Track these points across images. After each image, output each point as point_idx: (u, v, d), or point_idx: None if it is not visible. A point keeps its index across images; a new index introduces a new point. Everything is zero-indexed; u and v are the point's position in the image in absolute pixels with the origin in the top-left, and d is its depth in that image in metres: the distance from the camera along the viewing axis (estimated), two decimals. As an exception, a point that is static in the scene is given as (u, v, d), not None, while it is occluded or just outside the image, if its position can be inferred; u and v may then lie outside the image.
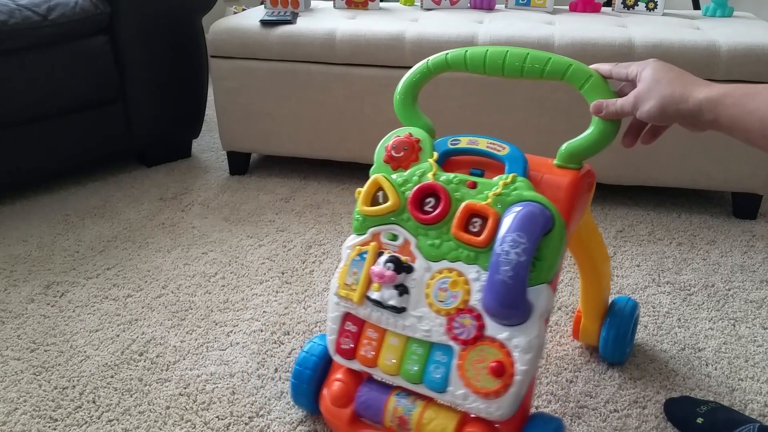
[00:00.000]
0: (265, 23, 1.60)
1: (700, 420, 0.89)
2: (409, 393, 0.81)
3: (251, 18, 1.66)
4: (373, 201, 0.82)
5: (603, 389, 1.00)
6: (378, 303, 0.79)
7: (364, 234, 0.82)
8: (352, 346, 0.82)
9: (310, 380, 0.88)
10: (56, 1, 1.53)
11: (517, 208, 0.73)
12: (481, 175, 0.80)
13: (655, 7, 1.73)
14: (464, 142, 0.83)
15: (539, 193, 0.76)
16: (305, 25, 1.60)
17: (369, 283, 0.80)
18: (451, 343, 0.76)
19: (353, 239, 0.83)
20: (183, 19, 1.74)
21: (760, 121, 0.61)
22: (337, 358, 0.84)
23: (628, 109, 0.74)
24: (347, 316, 0.82)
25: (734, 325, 1.15)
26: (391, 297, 0.78)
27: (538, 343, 0.73)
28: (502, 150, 0.81)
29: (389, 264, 0.78)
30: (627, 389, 1.00)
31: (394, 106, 0.89)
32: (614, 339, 1.02)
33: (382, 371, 0.80)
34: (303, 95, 1.63)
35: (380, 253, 0.80)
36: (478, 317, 0.74)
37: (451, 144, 0.83)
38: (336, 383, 0.85)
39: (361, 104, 1.61)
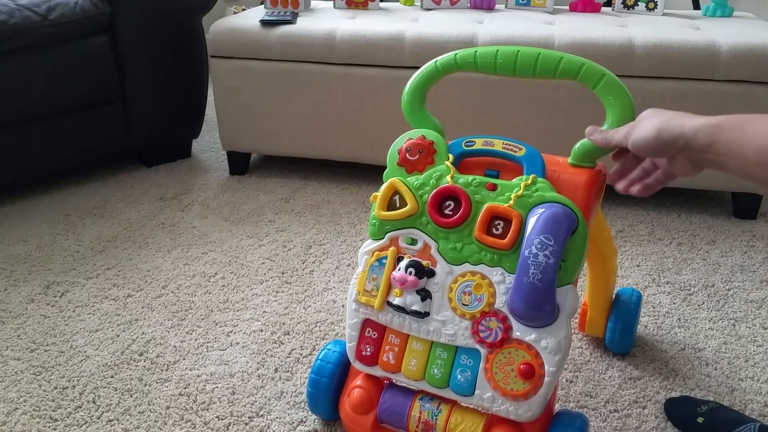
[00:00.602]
0: (265, 23, 1.60)
1: (700, 420, 0.89)
2: (432, 397, 0.81)
3: (251, 18, 1.66)
4: (390, 205, 0.81)
5: (603, 389, 1.00)
6: (400, 309, 0.78)
7: (381, 239, 0.81)
8: (372, 352, 0.81)
9: (327, 388, 0.87)
10: (56, 1, 1.53)
11: (540, 210, 0.73)
12: (497, 176, 0.80)
13: (655, 7, 1.73)
14: (479, 144, 0.83)
15: (558, 192, 0.76)
16: (305, 25, 1.60)
17: (389, 288, 0.79)
18: (477, 346, 0.75)
19: (370, 244, 0.82)
20: (183, 19, 1.74)
21: (757, 148, 0.59)
22: (358, 365, 0.83)
23: (618, 137, 0.72)
24: (367, 323, 0.82)
25: (734, 325, 1.15)
26: (413, 302, 0.78)
27: (566, 344, 0.73)
28: (519, 151, 0.81)
29: (411, 269, 0.78)
30: (627, 389, 1.00)
31: (403, 108, 0.87)
32: (621, 330, 1.04)
33: (406, 376, 0.80)
34: (303, 95, 1.62)
35: (399, 258, 0.79)
36: (504, 319, 0.74)
37: (466, 145, 0.83)
38: (356, 390, 0.84)
39: (361, 104, 1.61)
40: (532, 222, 0.73)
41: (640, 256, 1.37)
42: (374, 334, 0.81)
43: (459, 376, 0.77)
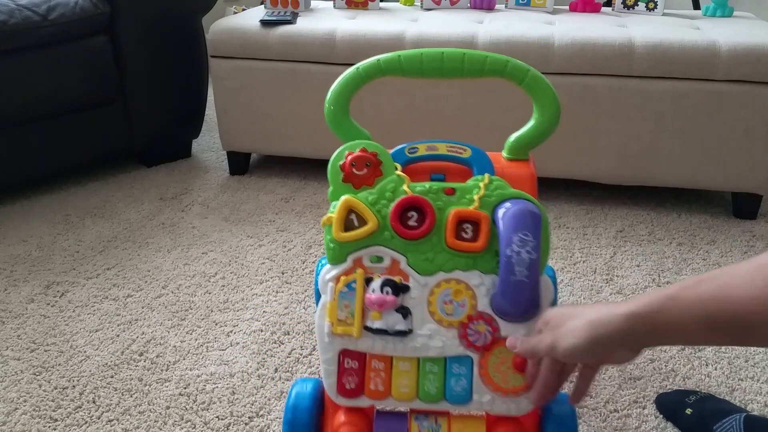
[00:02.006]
0: (265, 23, 1.60)
1: (689, 411, 0.90)
2: (426, 414, 0.78)
3: (251, 18, 1.66)
4: (346, 225, 0.76)
5: (603, 389, 1.00)
6: (382, 331, 0.74)
7: (344, 262, 0.75)
8: (357, 383, 0.75)
9: (308, 428, 0.80)
10: (56, 1, 1.53)
11: (507, 206, 0.73)
12: (443, 180, 0.80)
13: (655, 7, 1.73)
14: (422, 149, 0.81)
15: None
16: (305, 25, 1.60)
17: (365, 313, 0.74)
18: (468, 352, 0.73)
19: (332, 270, 0.76)
20: (183, 19, 1.74)
21: (702, 318, 0.52)
22: (342, 401, 0.76)
23: (542, 348, 0.64)
24: (344, 353, 0.75)
25: (734, 325, 1.15)
26: (396, 322, 0.74)
27: None
28: (464, 152, 0.81)
29: (386, 288, 0.74)
30: (627, 389, 1.00)
31: (327, 119, 0.85)
32: None
33: (397, 400, 0.75)
34: (303, 95, 1.62)
35: (368, 279, 0.75)
36: (491, 321, 0.73)
37: (409, 153, 0.81)
38: (344, 428, 0.78)
39: (360, 104, 1.60)
40: (502, 220, 0.72)
41: (640, 256, 1.37)
42: (355, 364, 0.76)
43: (455, 386, 0.74)
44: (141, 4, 1.63)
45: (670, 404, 0.94)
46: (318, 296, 1.13)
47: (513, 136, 0.84)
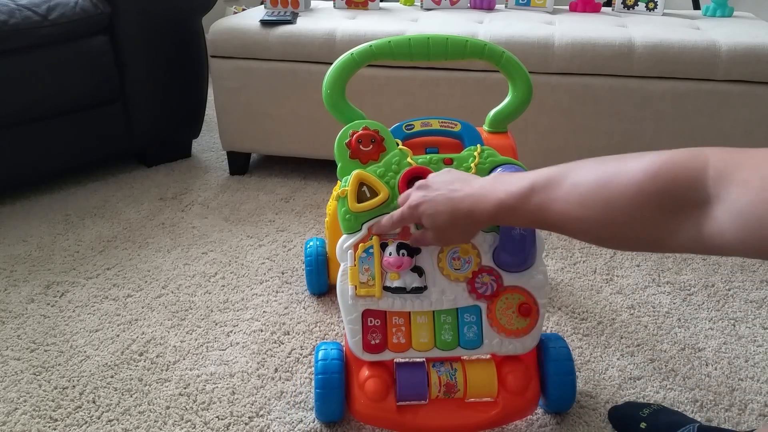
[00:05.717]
0: (265, 23, 1.60)
1: (643, 425, 0.87)
2: (442, 361, 0.86)
3: (251, 18, 1.66)
4: (359, 197, 0.84)
5: (603, 389, 1.00)
6: (401, 290, 0.82)
7: (359, 231, 0.83)
8: (381, 339, 0.83)
9: (339, 384, 0.87)
10: (56, 1, 1.53)
11: (499, 170, 0.83)
12: (437, 153, 0.89)
13: (655, 7, 1.73)
14: (418, 126, 0.91)
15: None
16: (305, 25, 1.60)
17: (383, 275, 0.82)
18: (478, 302, 0.83)
19: (350, 239, 0.83)
20: (183, 19, 1.74)
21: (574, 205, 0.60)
22: (367, 356, 0.84)
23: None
24: (366, 313, 0.83)
25: (734, 325, 1.15)
26: (413, 280, 0.82)
27: (547, 276, 0.84)
28: (455, 126, 0.91)
29: (402, 251, 0.82)
30: (627, 389, 1.00)
31: (325, 102, 0.92)
32: None
33: (417, 350, 0.83)
34: (303, 95, 1.62)
35: (383, 245, 0.82)
36: (494, 272, 0.83)
37: (407, 129, 0.90)
38: (371, 380, 0.85)
39: (360, 104, 1.59)
40: None
41: (640, 256, 1.37)
42: (377, 322, 0.83)
43: (467, 333, 0.83)
44: (141, 4, 1.63)
45: (623, 418, 0.92)
46: (309, 272, 1.21)
47: (492, 112, 0.94)
